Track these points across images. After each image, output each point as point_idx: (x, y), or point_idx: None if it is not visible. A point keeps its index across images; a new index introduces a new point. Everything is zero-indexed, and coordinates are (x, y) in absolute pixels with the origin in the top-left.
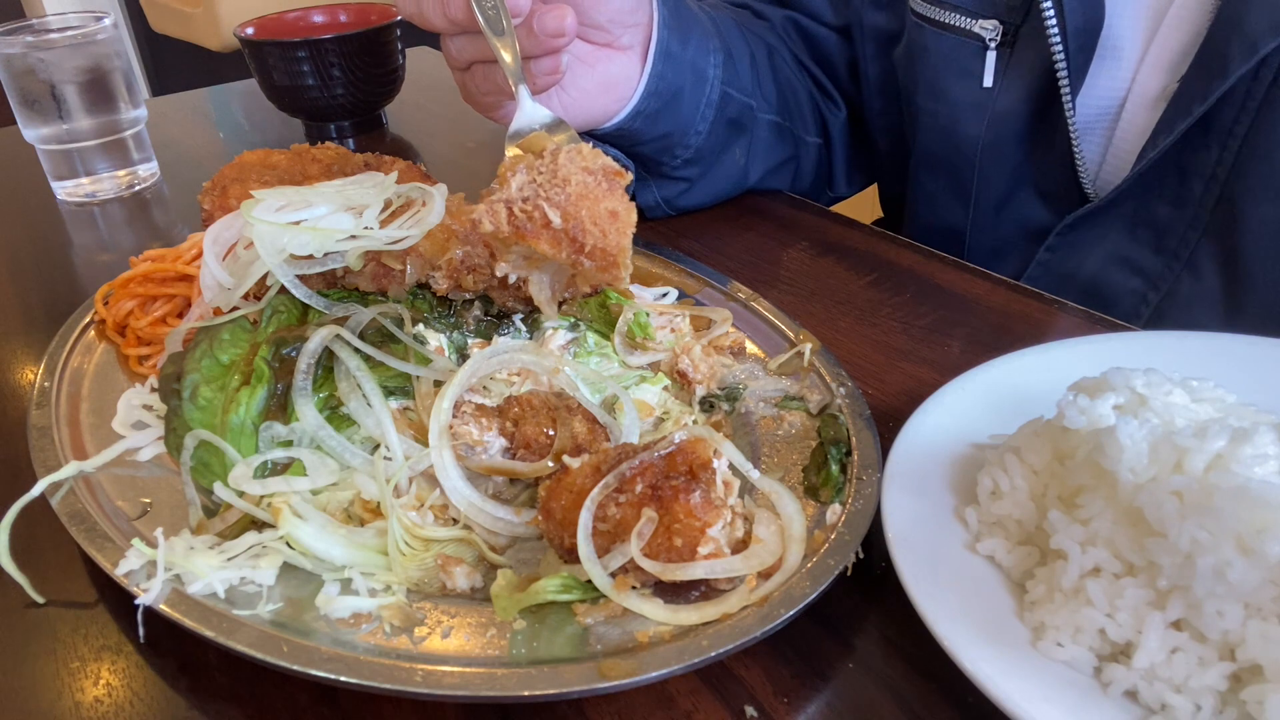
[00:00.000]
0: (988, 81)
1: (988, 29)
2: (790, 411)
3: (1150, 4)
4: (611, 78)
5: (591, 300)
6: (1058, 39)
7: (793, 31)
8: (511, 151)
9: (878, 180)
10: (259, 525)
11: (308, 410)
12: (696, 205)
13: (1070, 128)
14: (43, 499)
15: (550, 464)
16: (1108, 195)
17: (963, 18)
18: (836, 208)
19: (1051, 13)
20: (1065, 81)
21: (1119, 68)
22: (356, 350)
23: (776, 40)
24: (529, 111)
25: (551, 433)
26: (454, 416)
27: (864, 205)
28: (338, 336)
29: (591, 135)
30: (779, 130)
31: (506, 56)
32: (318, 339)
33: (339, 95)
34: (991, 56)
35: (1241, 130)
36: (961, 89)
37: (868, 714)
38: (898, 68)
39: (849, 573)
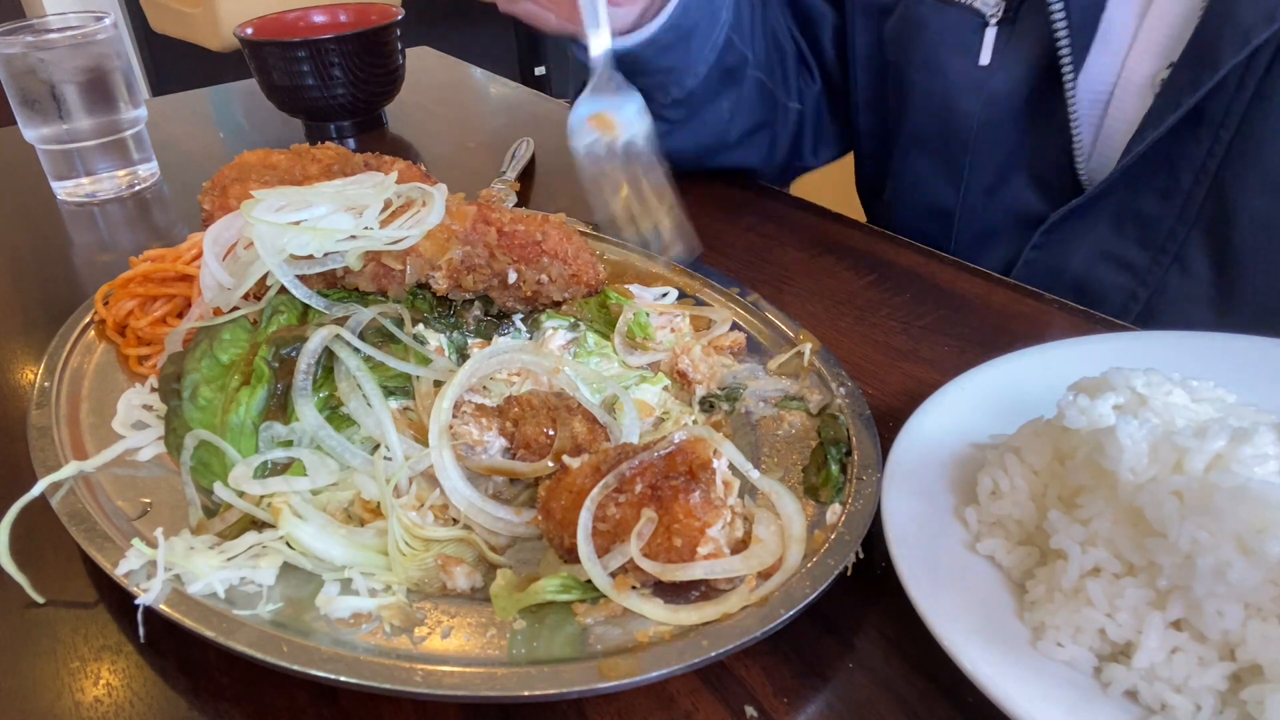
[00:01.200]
0: (984, 59)
1: (989, 4)
2: (790, 411)
3: None
4: None
5: (591, 300)
6: (1062, 16)
7: None
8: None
9: (855, 160)
10: (259, 525)
11: (308, 410)
12: (677, 150)
13: (1070, 109)
14: (43, 499)
15: (550, 464)
16: (1094, 189)
17: None
18: (835, 208)
19: None
20: (1068, 62)
21: (1109, 53)
22: (356, 350)
23: None
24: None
25: (551, 433)
26: (454, 416)
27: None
28: (338, 336)
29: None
30: (762, 90)
31: None
32: (318, 339)
33: (339, 95)
34: (991, 33)
35: (1233, 122)
36: (958, 65)
37: (868, 714)
38: (889, 42)
39: (849, 573)
